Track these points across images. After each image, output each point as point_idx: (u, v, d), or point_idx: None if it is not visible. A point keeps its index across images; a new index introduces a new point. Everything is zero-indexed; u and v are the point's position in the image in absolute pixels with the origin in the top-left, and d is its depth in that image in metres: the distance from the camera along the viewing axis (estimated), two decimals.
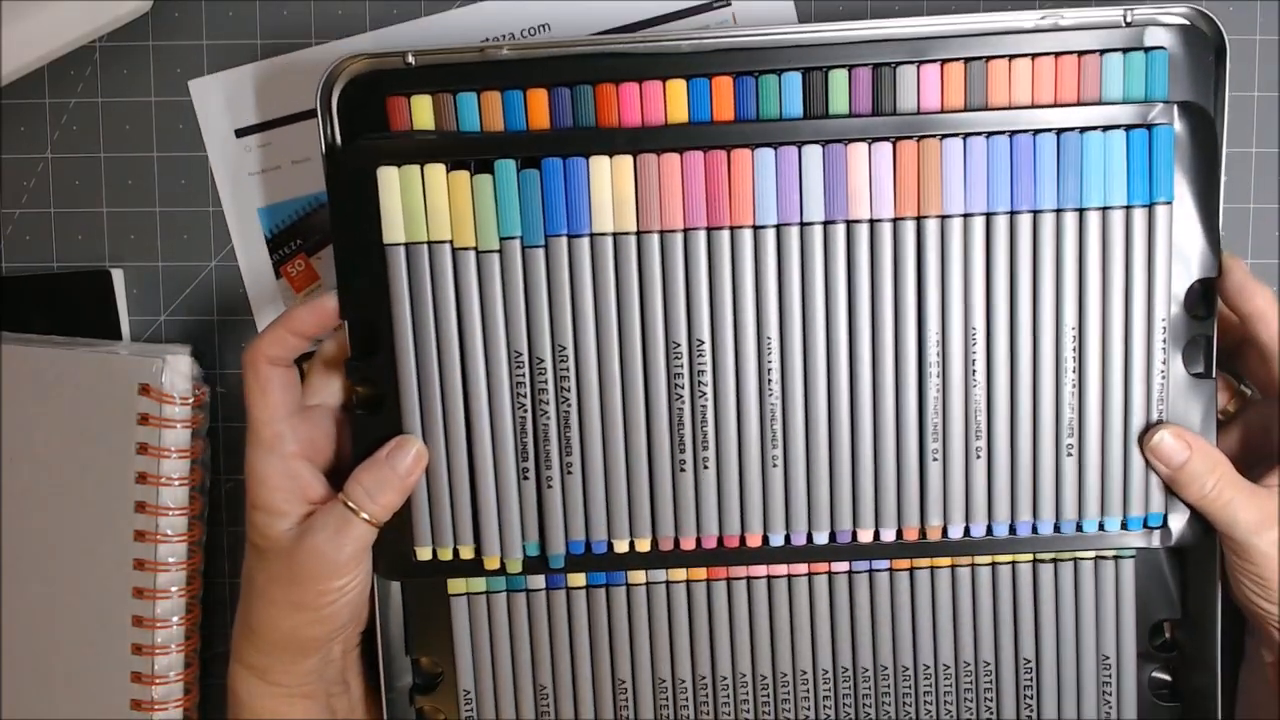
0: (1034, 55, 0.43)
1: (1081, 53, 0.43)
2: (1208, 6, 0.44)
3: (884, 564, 0.46)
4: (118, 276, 0.50)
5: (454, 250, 0.43)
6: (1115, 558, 0.46)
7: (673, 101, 0.43)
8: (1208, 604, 0.45)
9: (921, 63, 0.43)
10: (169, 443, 0.47)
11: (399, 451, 0.43)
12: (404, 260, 0.43)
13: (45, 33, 0.46)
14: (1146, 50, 0.43)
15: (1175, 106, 0.42)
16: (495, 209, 0.43)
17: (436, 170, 0.43)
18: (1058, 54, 0.43)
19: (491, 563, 0.45)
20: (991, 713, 0.47)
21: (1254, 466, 0.44)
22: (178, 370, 0.48)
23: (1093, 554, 0.46)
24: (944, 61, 0.43)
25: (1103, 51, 0.43)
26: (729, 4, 0.49)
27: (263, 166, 0.49)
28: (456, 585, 0.46)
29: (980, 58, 0.43)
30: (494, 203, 0.43)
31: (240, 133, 0.49)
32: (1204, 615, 0.46)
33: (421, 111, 0.43)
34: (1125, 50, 0.43)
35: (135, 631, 0.48)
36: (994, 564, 0.46)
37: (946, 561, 0.46)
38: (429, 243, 0.43)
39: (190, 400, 0.48)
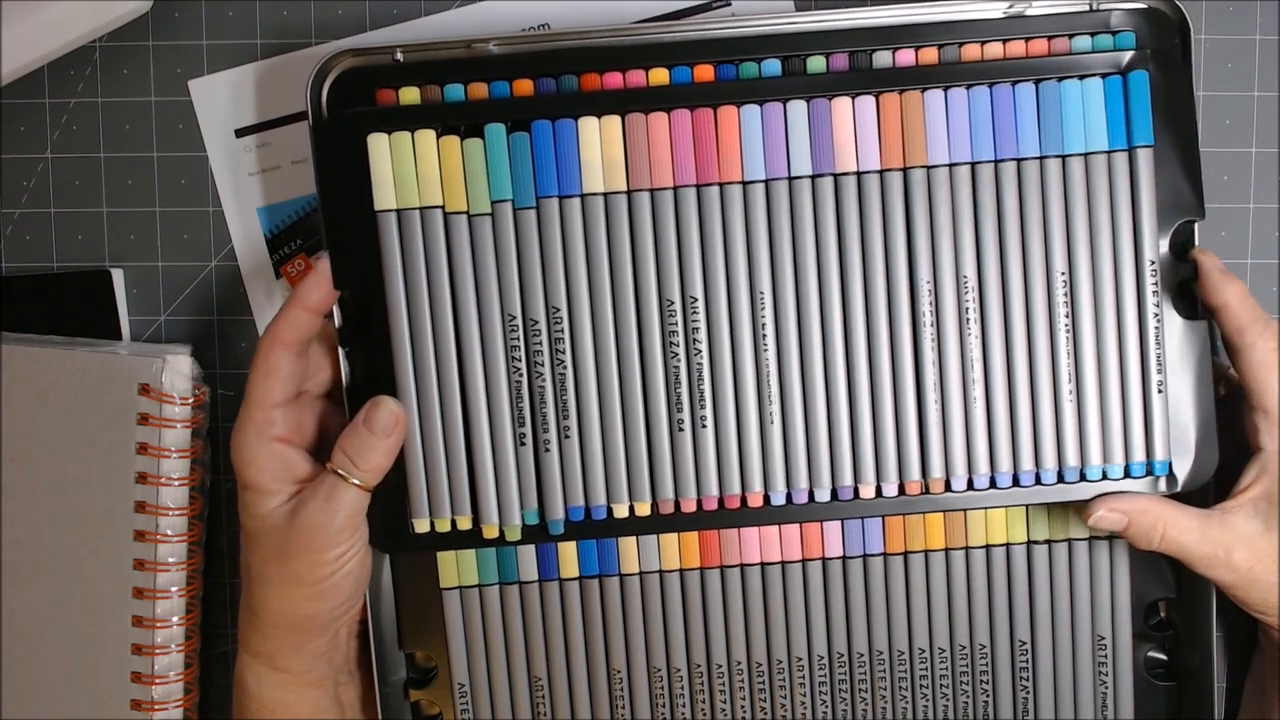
0: (1005, 40, 0.44)
1: (1051, 36, 0.44)
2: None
3: (877, 550, 0.46)
4: (118, 276, 0.50)
5: (445, 215, 0.44)
6: (1109, 538, 0.46)
7: (655, 83, 0.44)
8: (1201, 583, 0.45)
9: (897, 48, 0.44)
10: (169, 443, 0.47)
11: (375, 412, 0.43)
12: (395, 226, 0.44)
13: (45, 33, 0.46)
14: (1114, 33, 0.44)
15: (1148, 52, 0.43)
16: (486, 172, 0.44)
17: (427, 136, 0.43)
18: (1028, 38, 0.44)
19: (490, 531, 0.45)
20: (988, 695, 0.47)
21: (1238, 456, 0.44)
22: (178, 370, 0.48)
23: (1087, 536, 0.46)
24: (919, 47, 0.44)
25: (1071, 35, 0.44)
26: (729, 3, 0.48)
27: (262, 166, 0.49)
28: (448, 578, 0.46)
29: (953, 43, 0.44)
30: (485, 166, 0.44)
31: (240, 133, 0.49)
32: (1198, 594, 0.46)
33: (409, 104, 0.44)
34: (1093, 34, 0.44)
35: (135, 631, 0.48)
36: (988, 547, 0.46)
37: (940, 545, 0.46)
38: (420, 208, 0.44)
39: (190, 400, 0.48)
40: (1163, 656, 0.47)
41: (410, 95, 0.44)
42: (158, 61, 0.49)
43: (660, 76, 0.44)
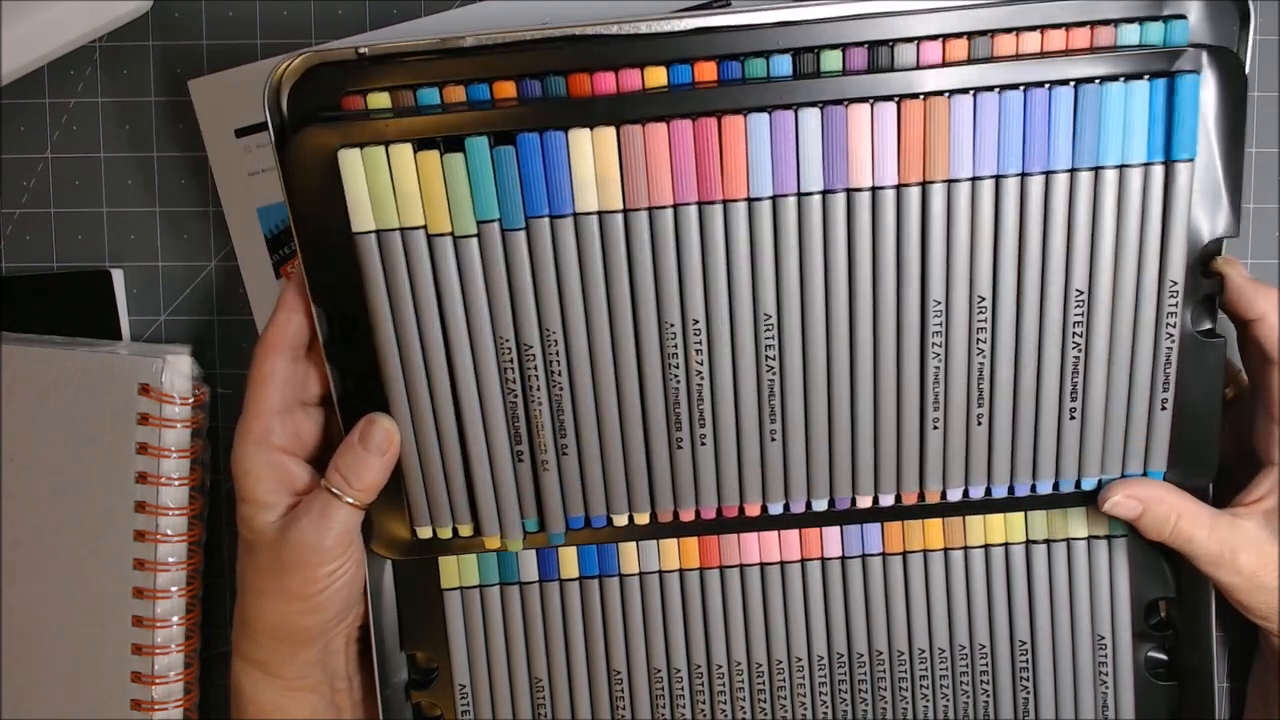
0: (1043, 28, 0.40)
1: (1094, 23, 0.40)
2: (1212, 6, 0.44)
3: (877, 550, 0.46)
4: (118, 276, 0.50)
5: (429, 237, 0.41)
6: (1108, 538, 0.46)
7: (651, 85, 0.40)
8: (1201, 582, 0.45)
9: (921, 39, 0.40)
10: (169, 443, 0.47)
11: (369, 430, 0.43)
12: (376, 249, 0.41)
13: (45, 33, 0.46)
14: (1165, 20, 0.40)
15: (1204, 53, 0.39)
16: (469, 191, 0.40)
17: (403, 151, 0.40)
18: (1069, 26, 0.40)
19: (492, 543, 0.45)
20: (988, 695, 0.47)
21: (1240, 460, 0.44)
22: (178, 370, 0.48)
23: (1086, 536, 0.45)
24: (946, 37, 0.40)
25: (1117, 22, 0.40)
26: (728, 3, 0.48)
27: (262, 166, 0.49)
28: (449, 579, 0.46)
29: (985, 31, 0.40)
30: (468, 184, 0.40)
31: (240, 133, 0.49)
32: (1198, 594, 0.46)
33: (379, 108, 0.41)
34: (1141, 20, 0.40)
35: (135, 631, 0.48)
36: (987, 547, 0.46)
37: (939, 545, 0.46)
38: (401, 229, 0.41)
39: (190, 400, 0.48)
40: (1163, 656, 0.47)
41: (380, 100, 0.41)
42: (158, 61, 0.49)
43: (657, 77, 0.40)
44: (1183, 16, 0.40)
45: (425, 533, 0.45)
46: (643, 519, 0.44)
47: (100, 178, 0.50)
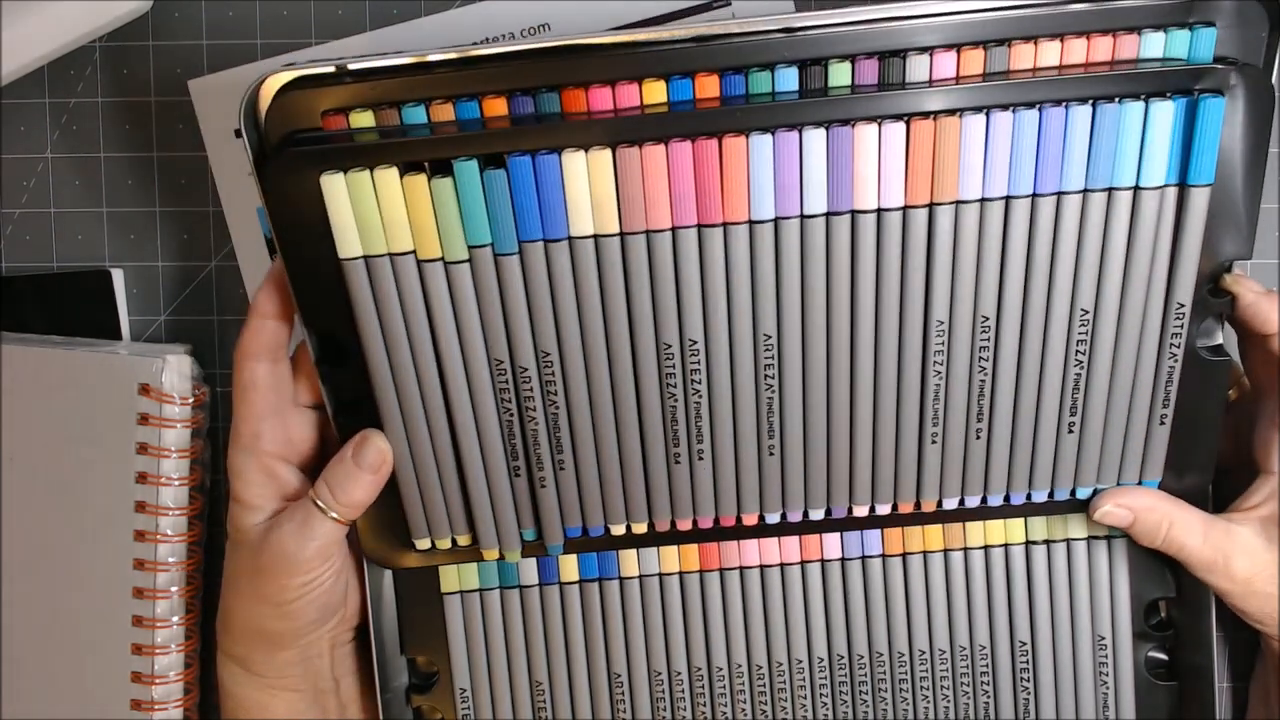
0: (1062, 35, 0.38)
1: (1116, 30, 0.38)
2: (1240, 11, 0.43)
3: (876, 551, 0.45)
4: (118, 276, 0.50)
5: (419, 263, 0.40)
6: (1108, 539, 0.45)
7: (650, 102, 0.39)
8: (1201, 582, 0.44)
9: (934, 49, 0.38)
10: (169, 443, 0.47)
11: (362, 448, 0.42)
12: (365, 275, 0.40)
13: (45, 33, 0.46)
14: (1191, 26, 0.38)
15: (1230, 70, 0.37)
16: (460, 215, 0.39)
17: (388, 175, 0.38)
18: (1089, 33, 0.38)
19: (490, 555, 0.45)
20: (989, 696, 0.47)
21: (1239, 462, 0.44)
22: (178, 370, 0.48)
23: (1085, 536, 0.45)
24: (960, 47, 0.38)
25: (1140, 29, 0.38)
26: (729, 4, 0.48)
27: None
28: (449, 583, 0.46)
29: (1002, 40, 0.38)
30: (457, 209, 0.38)
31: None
32: (1198, 594, 0.45)
33: (362, 128, 0.39)
34: (1167, 27, 0.38)
35: (135, 631, 0.48)
36: (986, 548, 0.46)
37: (939, 546, 0.46)
38: (390, 255, 0.39)
39: (190, 400, 0.48)
40: (1163, 656, 0.47)
41: (363, 119, 0.39)
42: (158, 61, 0.49)
43: (656, 92, 0.38)
44: (1211, 23, 0.38)
45: (424, 544, 0.45)
46: (640, 529, 0.44)
47: (100, 178, 0.50)
